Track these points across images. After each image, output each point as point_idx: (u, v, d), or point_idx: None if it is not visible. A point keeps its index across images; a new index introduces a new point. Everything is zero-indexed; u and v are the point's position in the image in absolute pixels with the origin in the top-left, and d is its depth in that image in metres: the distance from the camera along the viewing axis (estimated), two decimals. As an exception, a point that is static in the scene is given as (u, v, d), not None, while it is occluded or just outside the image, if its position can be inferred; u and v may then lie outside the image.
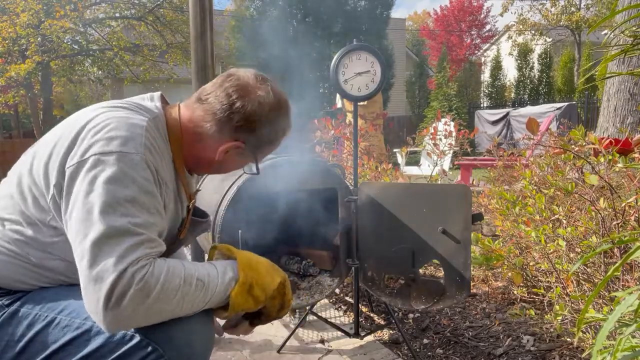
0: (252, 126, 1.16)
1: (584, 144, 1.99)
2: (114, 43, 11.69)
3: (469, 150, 4.51)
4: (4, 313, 1.06)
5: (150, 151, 1.04)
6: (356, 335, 2.14)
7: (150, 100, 1.20)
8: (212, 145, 1.17)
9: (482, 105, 18.90)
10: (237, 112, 1.14)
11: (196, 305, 1.02)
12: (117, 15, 12.88)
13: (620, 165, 1.82)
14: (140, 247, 0.94)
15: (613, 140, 2.06)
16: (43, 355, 1.03)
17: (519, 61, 19.79)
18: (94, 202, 0.95)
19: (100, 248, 0.92)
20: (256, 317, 1.21)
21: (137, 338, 1.00)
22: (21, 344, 1.04)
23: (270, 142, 1.24)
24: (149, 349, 1.00)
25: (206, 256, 1.27)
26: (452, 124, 4.60)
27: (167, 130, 1.15)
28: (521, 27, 22.56)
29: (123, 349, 1.00)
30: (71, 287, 1.10)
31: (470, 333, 2.27)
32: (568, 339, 2.01)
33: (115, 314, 0.90)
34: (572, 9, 20.78)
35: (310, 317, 2.39)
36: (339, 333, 2.26)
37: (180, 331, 1.02)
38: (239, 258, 1.14)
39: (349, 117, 5.18)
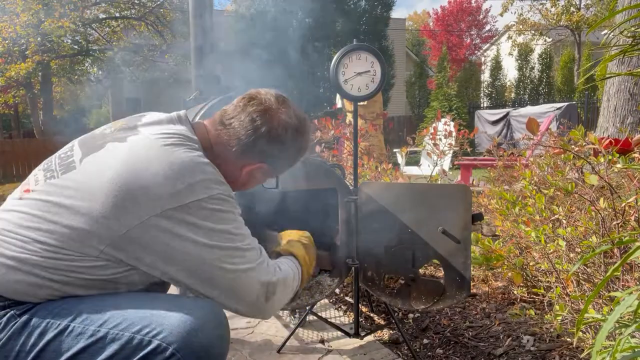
0: (276, 150, 1.25)
1: (584, 144, 1.99)
2: (114, 43, 11.70)
3: (469, 150, 4.51)
4: (16, 323, 1.03)
5: (222, 181, 1.16)
6: (356, 335, 2.14)
7: (179, 122, 1.22)
8: (237, 166, 1.26)
9: (482, 105, 18.90)
10: (261, 137, 1.21)
11: (295, 287, 1.34)
12: (117, 15, 12.89)
13: (619, 165, 1.82)
14: (261, 255, 1.21)
15: (613, 140, 2.06)
16: None
17: (519, 61, 19.80)
18: (211, 244, 1.09)
19: (241, 274, 1.14)
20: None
21: (154, 343, 1.00)
22: (32, 354, 1.01)
23: (292, 161, 1.35)
24: (167, 353, 0.99)
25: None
26: (452, 124, 4.60)
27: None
28: (521, 27, 22.56)
29: (139, 355, 0.99)
30: (81, 296, 1.09)
31: (470, 333, 2.27)
32: (568, 339, 2.01)
33: (269, 310, 1.22)
34: (572, 9, 20.77)
35: (310, 317, 2.40)
36: (339, 333, 2.27)
37: (197, 336, 1.02)
38: (300, 258, 1.45)
39: (349, 117, 5.18)
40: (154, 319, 1.02)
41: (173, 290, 1.34)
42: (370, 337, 2.26)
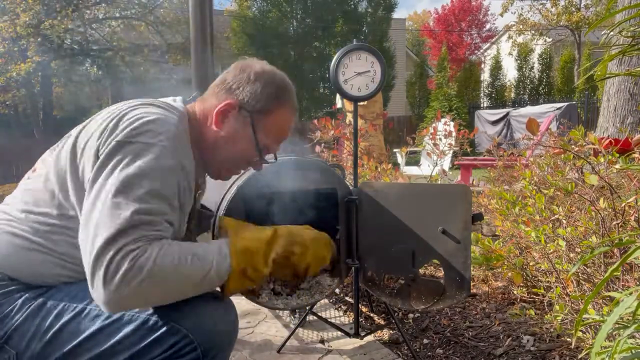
0: (242, 82, 1.22)
1: (584, 144, 1.99)
2: (114, 43, 11.71)
3: (469, 150, 4.51)
4: (31, 305, 1.06)
5: (180, 144, 1.09)
6: (356, 335, 2.14)
7: (174, 102, 1.26)
8: (213, 114, 1.23)
9: (482, 105, 18.89)
10: (231, 72, 1.25)
11: (195, 279, 1.02)
12: (117, 15, 12.89)
13: (618, 166, 1.82)
14: (141, 227, 0.96)
15: (613, 140, 2.06)
16: (71, 345, 1.03)
17: (519, 61, 19.79)
18: (112, 184, 0.97)
19: (102, 228, 0.94)
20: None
21: (168, 325, 1.03)
22: (49, 335, 1.04)
23: (267, 104, 1.23)
24: (180, 335, 1.03)
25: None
26: (452, 124, 4.59)
27: (188, 126, 1.19)
28: (521, 27, 22.55)
29: (154, 336, 1.02)
30: None
31: (470, 333, 2.27)
32: (568, 339, 2.01)
33: (112, 292, 0.91)
34: (572, 9, 20.76)
35: (310, 317, 2.40)
36: (339, 333, 2.27)
37: (208, 318, 1.07)
38: (231, 242, 1.15)
39: (349, 117, 5.18)
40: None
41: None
42: (370, 337, 2.26)
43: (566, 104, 12.67)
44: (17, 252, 1.08)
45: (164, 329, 1.03)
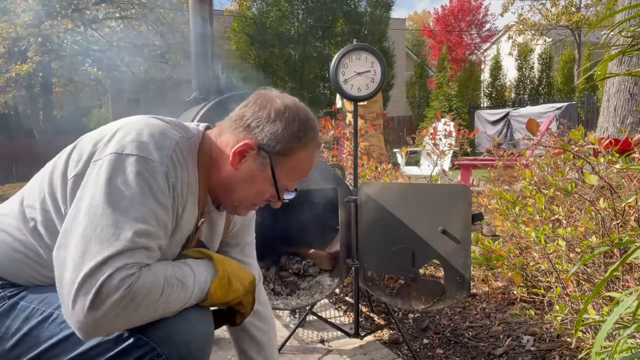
0: (262, 121, 1.11)
1: (584, 144, 1.99)
2: (114, 43, 11.71)
3: (468, 150, 4.51)
4: (4, 304, 1.05)
5: (174, 164, 1.02)
6: (356, 335, 2.14)
7: (195, 125, 1.19)
8: (229, 151, 1.13)
9: (482, 105, 18.89)
10: (249, 108, 1.14)
11: (176, 304, 0.99)
12: (117, 15, 12.89)
13: (618, 166, 1.82)
14: (139, 252, 0.92)
15: (613, 140, 2.06)
16: (37, 351, 1.01)
17: (519, 61, 19.78)
18: (105, 200, 0.93)
19: (96, 246, 0.89)
20: (228, 319, 1.19)
21: (134, 337, 0.99)
22: (16, 337, 1.02)
23: (286, 147, 1.12)
24: (147, 347, 0.99)
25: None
26: (452, 124, 4.60)
27: (197, 148, 1.12)
28: (521, 27, 22.55)
29: (120, 347, 0.98)
30: None
31: (470, 333, 2.27)
32: (568, 339, 2.01)
33: (97, 317, 0.86)
34: (572, 9, 20.76)
35: (310, 317, 2.40)
36: (339, 333, 2.27)
37: (178, 329, 1.01)
38: (214, 257, 1.13)
39: (349, 117, 5.18)
40: None
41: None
42: (370, 337, 2.26)
43: (566, 104, 12.66)
44: (1, 249, 1.08)
45: (130, 340, 0.98)
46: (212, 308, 1.15)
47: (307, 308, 2.24)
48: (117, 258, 0.89)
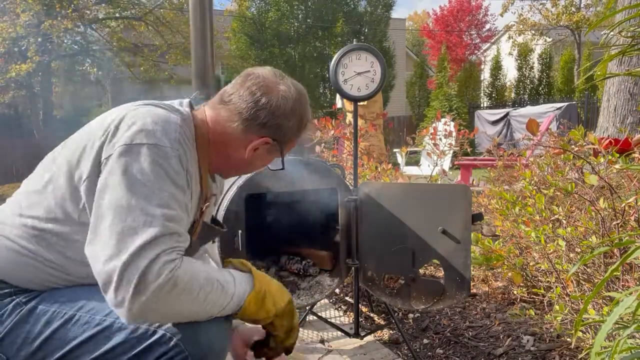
0: (278, 121, 1.18)
1: (584, 144, 1.99)
2: (114, 43, 11.70)
3: (469, 150, 4.51)
4: (22, 310, 1.04)
5: (183, 147, 1.06)
6: (356, 335, 2.14)
7: (180, 105, 1.22)
8: (241, 145, 1.19)
9: (482, 105, 18.88)
10: (263, 109, 1.16)
11: (214, 307, 1.02)
12: (117, 15, 12.89)
13: (618, 166, 1.82)
14: (172, 237, 0.95)
15: (613, 140, 2.06)
16: (61, 353, 1.02)
17: (519, 61, 19.78)
18: (127, 190, 0.95)
19: (130, 235, 0.91)
20: (264, 346, 1.21)
21: (159, 333, 1.00)
22: (38, 341, 1.03)
23: (296, 135, 1.26)
24: (171, 344, 1.00)
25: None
26: (452, 124, 4.59)
27: (194, 131, 1.16)
28: (521, 27, 22.55)
29: (144, 344, 1.00)
30: (88, 286, 1.09)
31: (470, 333, 2.27)
32: (568, 339, 2.01)
33: (142, 302, 0.89)
34: (573, 9, 20.76)
35: (310, 317, 2.40)
36: (339, 333, 2.27)
37: (202, 330, 1.03)
38: (254, 271, 1.17)
39: (349, 117, 5.18)
40: None
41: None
42: (370, 337, 2.26)
43: (566, 104, 12.66)
44: (7, 256, 1.06)
45: (154, 337, 1.00)
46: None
47: (307, 308, 2.25)
48: (154, 244, 0.91)
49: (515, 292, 2.48)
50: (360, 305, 2.39)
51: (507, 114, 13.86)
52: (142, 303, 0.89)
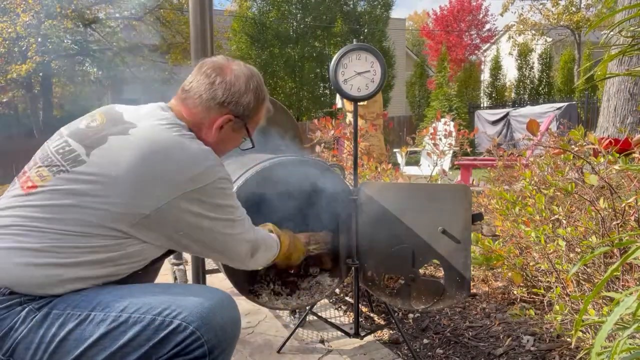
0: (235, 97, 1.32)
1: (584, 144, 1.99)
2: (114, 43, 11.70)
3: (468, 150, 4.51)
4: (35, 316, 1.04)
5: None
6: (356, 335, 2.14)
7: (164, 110, 1.31)
8: (208, 126, 1.33)
9: (482, 105, 18.88)
10: (219, 87, 1.30)
11: (270, 259, 1.56)
12: (117, 15, 12.88)
13: (618, 166, 1.82)
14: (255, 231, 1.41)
15: (613, 140, 2.06)
16: (77, 353, 1.02)
17: (519, 61, 19.78)
18: (223, 217, 1.24)
19: (242, 235, 1.32)
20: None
21: (174, 323, 1.04)
22: (53, 344, 1.03)
23: (256, 110, 1.39)
24: (187, 332, 1.04)
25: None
26: (452, 124, 4.59)
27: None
28: (521, 27, 22.55)
29: (161, 335, 1.04)
30: (102, 287, 1.12)
31: (470, 333, 2.27)
32: (568, 339, 2.01)
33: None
34: (573, 8, 20.76)
35: (310, 317, 2.40)
36: (339, 333, 2.27)
37: (214, 316, 1.10)
38: (281, 235, 1.67)
39: (349, 117, 5.18)
40: (173, 302, 1.08)
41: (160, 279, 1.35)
42: (370, 337, 2.26)
43: (566, 104, 12.66)
44: (23, 266, 1.05)
45: (170, 327, 1.04)
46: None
47: (307, 308, 2.24)
48: (255, 239, 1.39)
49: (515, 292, 2.48)
50: (360, 305, 2.39)
51: (507, 114, 13.86)
52: (254, 262, 1.46)
